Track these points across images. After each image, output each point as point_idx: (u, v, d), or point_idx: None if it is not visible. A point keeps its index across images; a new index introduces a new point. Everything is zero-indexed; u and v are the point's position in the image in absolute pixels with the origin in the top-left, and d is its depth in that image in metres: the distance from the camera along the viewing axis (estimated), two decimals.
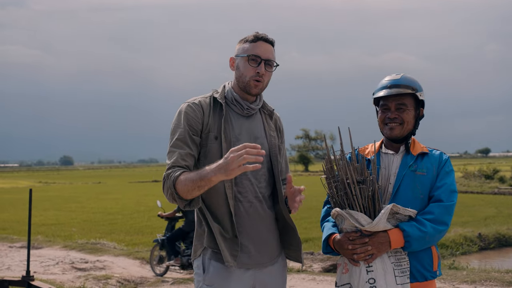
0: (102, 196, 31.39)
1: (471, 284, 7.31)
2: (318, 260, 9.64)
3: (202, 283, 2.60)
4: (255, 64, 2.64)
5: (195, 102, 2.65)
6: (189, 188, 2.37)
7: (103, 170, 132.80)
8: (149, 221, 18.18)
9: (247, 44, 2.66)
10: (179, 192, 2.41)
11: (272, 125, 2.85)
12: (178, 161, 2.50)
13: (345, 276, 2.65)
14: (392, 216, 2.61)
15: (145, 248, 11.78)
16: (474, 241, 13.82)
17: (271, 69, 2.70)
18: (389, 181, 2.79)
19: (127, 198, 29.19)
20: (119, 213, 21.06)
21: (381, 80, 2.90)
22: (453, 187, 2.77)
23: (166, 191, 2.46)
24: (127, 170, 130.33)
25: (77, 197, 30.42)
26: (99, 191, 37.05)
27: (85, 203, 25.84)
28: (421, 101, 2.86)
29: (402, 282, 2.57)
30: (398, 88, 2.78)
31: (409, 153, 2.82)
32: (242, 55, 2.66)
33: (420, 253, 2.69)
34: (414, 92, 2.80)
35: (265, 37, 2.68)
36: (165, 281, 8.33)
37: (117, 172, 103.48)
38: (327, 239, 2.75)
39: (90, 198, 29.82)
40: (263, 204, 2.69)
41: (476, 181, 34.57)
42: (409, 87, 2.80)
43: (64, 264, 9.68)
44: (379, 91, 2.84)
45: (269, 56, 2.66)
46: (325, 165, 2.71)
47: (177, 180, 2.41)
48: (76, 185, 49.78)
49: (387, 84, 2.83)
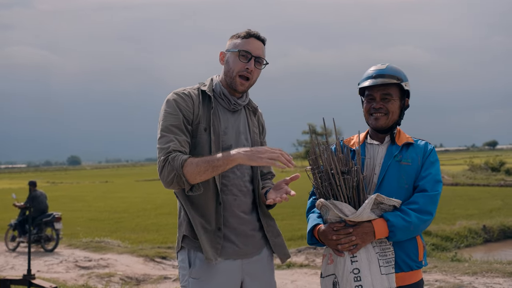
0: (109, 195, 31.50)
1: (473, 275, 7.30)
2: (321, 254, 9.64)
3: (188, 276, 2.60)
4: (245, 60, 2.65)
5: (184, 92, 2.65)
6: (202, 169, 2.38)
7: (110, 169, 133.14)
8: (156, 218, 18.25)
9: (239, 40, 2.68)
10: (186, 174, 2.40)
11: (255, 121, 2.87)
12: (179, 147, 2.49)
13: (330, 266, 2.65)
14: (377, 206, 2.60)
15: (150, 246, 11.83)
16: (478, 233, 13.81)
17: (260, 67, 2.71)
18: (374, 172, 2.78)
19: (133, 196, 29.29)
20: (126, 211, 21.15)
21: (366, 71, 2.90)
22: (438, 177, 2.75)
23: (169, 174, 2.43)
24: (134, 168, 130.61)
25: (84, 197, 30.54)
26: (106, 190, 37.18)
27: (92, 202, 25.95)
28: (406, 91, 2.84)
29: (386, 272, 2.56)
30: (383, 78, 2.77)
31: (394, 143, 2.81)
32: (233, 50, 2.67)
33: (405, 243, 2.68)
34: (400, 82, 2.78)
35: (257, 35, 2.69)
36: (167, 277, 8.37)
37: (124, 171, 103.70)
38: (312, 230, 2.74)
39: (96, 197, 29.93)
40: (246, 198, 2.70)
41: (482, 174, 34.47)
42: (394, 77, 2.78)
43: (67, 263, 9.73)
44: (364, 81, 2.82)
45: (259, 54, 2.68)
46: (309, 156, 2.72)
47: (186, 163, 2.40)
48: (83, 184, 50.00)
49: (373, 74, 2.81)
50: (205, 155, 2.56)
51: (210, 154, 2.57)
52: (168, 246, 11.58)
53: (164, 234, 14.23)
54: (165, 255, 10.40)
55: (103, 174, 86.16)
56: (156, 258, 10.21)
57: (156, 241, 12.88)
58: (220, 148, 2.61)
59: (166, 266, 9.75)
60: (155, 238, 13.58)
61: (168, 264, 9.93)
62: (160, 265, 9.85)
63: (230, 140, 2.68)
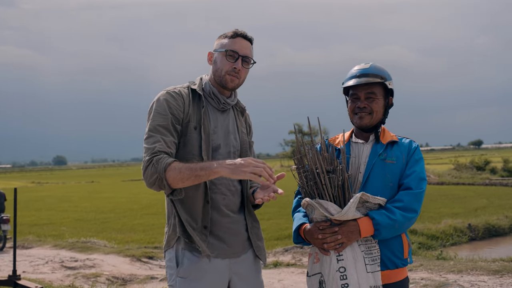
0: (95, 195, 31.34)
1: (458, 273, 7.36)
2: (307, 253, 9.68)
3: (175, 276, 2.59)
4: (233, 59, 2.66)
5: (175, 91, 2.65)
6: (185, 176, 2.37)
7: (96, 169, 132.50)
8: (142, 219, 18.18)
9: (226, 40, 2.69)
10: (168, 179, 2.40)
11: (243, 121, 2.89)
12: (165, 147, 2.49)
13: (316, 265, 2.66)
14: (362, 204, 2.62)
15: (136, 246, 11.79)
16: (464, 232, 13.91)
17: (247, 66, 2.72)
18: (359, 170, 2.80)
19: (120, 196, 29.15)
20: (112, 211, 21.05)
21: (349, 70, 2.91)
22: (422, 174, 2.77)
23: (151, 176, 2.43)
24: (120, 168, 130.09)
25: (70, 197, 30.36)
26: (92, 190, 36.99)
27: (78, 203, 25.79)
28: (390, 90, 2.86)
29: (372, 270, 2.58)
30: (367, 77, 2.78)
31: (379, 142, 2.83)
32: (220, 50, 2.69)
33: (391, 241, 2.70)
34: (383, 81, 2.80)
35: (244, 34, 2.71)
36: (154, 277, 8.35)
37: (110, 171, 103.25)
38: (298, 229, 2.75)
39: (82, 197, 29.77)
40: (235, 197, 2.72)
41: (467, 173, 34.75)
42: (378, 76, 2.80)
43: (53, 263, 9.67)
44: (349, 80, 2.84)
45: (246, 53, 2.69)
46: (295, 156, 2.73)
47: (169, 167, 2.39)
48: (69, 184, 49.70)
49: (356, 73, 2.83)
50: (195, 153, 2.58)
51: (200, 152, 2.59)
52: (154, 246, 11.55)
53: (150, 234, 14.19)
54: (152, 255, 10.37)
55: (89, 174, 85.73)
56: (143, 258, 10.18)
57: (143, 241, 12.83)
58: (210, 146, 2.62)
59: (152, 266, 9.73)
60: (142, 238, 13.54)
61: (155, 264, 9.91)
62: (146, 265, 9.82)
63: (219, 139, 2.69)
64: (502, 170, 36.25)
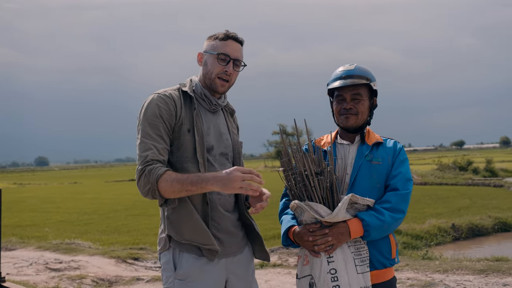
0: (78, 196, 31.08)
1: (444, 273, 7.41)
2: (294, 254, 9.69)
3: (173, 278, 2.57)
4: (224, 62, 2.65)
5: (165, 94, 2.62)
6: (176, 189, 2.38)
7: (79, 170, 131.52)
8: (126, 220, 18.06)
9: (217, 42, 2.68)
10: (161, 190, 2.40)
11: (233, 122, 2.90)
12: (157, 155, 2.47)
13: (306, 267, 2.66)
14: (351, 206, 2.63)
15: (121, 247, 11.70)
16: (448, 232, 14.03)
17: (238, 69, 2.72)
18: (346, 172, 2.81)
19: (103, 197, 28.92)
20: (95, 212, 20.88)
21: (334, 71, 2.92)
22: (408, 175, 2.81)
23: (144, 186, 2.43)
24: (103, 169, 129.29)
25: (53, 198, 30.06)
26: (75, 191, 36.68)
27: (61, 204, 25.55)
28: (374, 90, 2.89)
29: (362, 271, 2.60)
30: (352, 79, 2.80)
31: (364, 143, 2.85)
32: (211, 52, 2.67)
33: (379, 242, 2.73)
34: (369, 82, 2.82)
35: (235, 36, 2.69)
36: (140, 279, 8.30)
37: (93, 172, 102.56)
38: (287, 231, 2.75)
39: (65, 198, 29.49)
40: (230, 197, 2.72)
41: (450, 173, 35.04)
42: (363, 77, 2.82)
43: (37, 265, 9.56)
44: (334, 82, 2.85)
45: (237, 56, 2.69)
46: (282, 158, 2.73)
47: (161, 178, 2.39)
48: (52, 185, 49.23)
49: (342, 74, 2.84)
50: (189, 156, 2.57)
51: (195, 154, 2.58)
52: (140, 247, 11.47)
53: (135, 236, 14.10)
54: (137, 256, 10.30)
55: (72, 175, 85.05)
56: (128, 259, 10.10)
57: (128, 243, 12.74)
58: (204, 148, 2.61)
59: (138, 268, 9.66)
60: (127, 239, 13.44)
61: (141, 265, 9.84)
62: (132, 266, 9.75)
63: (212, 140, 2.68)
64: (484, 170, 36.64)
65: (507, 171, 38.08)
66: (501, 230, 15.23)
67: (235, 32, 2.72)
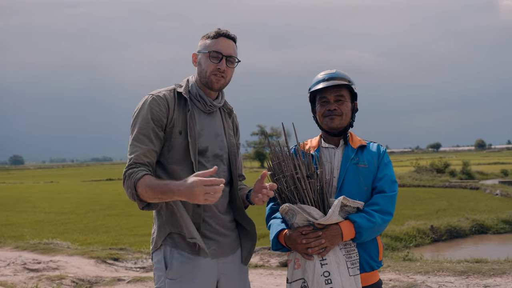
0: (55, 195, 30.70)
1: (425, 274, 7.47)
2: (276, 255, 9.68)
3: (164, 277, 2.57)
4: (217, 60, 2.65)
5: (159, 95, 2.62)
6: (150, 195, 2.37)
7: (55, 169, 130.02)
8: (104, 220, 17.92)
9: (209, 40, 2.67)
10: (139, 194, 2.40)
11: (230, 123, 2.88)
12: (141, 158, 2.48)
13: (297, 271, 2.65)
14: (341, 208, 2.65)
15: (100, 247, 11.58)
16: (426, 233, 14.18)
17: (232, 65, 2.71)
18: (332, 175, 2.83)
19: (80, 197, 28.65)
20: (73, 212, 20.68)
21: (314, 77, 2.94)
22: (393, 177, 2.87)
23: (126, 189, 2.44)
24: (80, 168, 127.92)
25: (28, 197, 29.64)
26: (52, 190, 36.22)
27: (37, 203, 25.21)
28: (355, 94, 2.93)
29: (353, 274, 2.62)
30: (335, 80, 2.85)
31: (349, 146, 2.88)
32: (204, 51, 2.67)
33: (367, 244, 2.76)
34: (350, 84, 2.88)
35: (226, 33, 2.69)
36: (121, 279, 8.21)
37: (70, 171, 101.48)
38: (277, 235, 2.74)
39: (42, 198, 29.10)
40: (223, 198, 2.70)
41: (428, 175, 35.40)
42: (345, 79, 2.87)
43: (15, 265, 9.41)
44: (317, 85, 2.89)
45: (230, 52, 2.67)
46: (272, 162, 2.72)
47: (138, 183, 2.39)
48: (27, 184, 48.58)
49: (324, 77, 2.89)
50: (180, 158, 2.57)
51: (185, 156, 2.57)
52: (120, 248, 11.36)
53: (114, 236, 13.98)
54: (117, 257, 10.20)
55: (48, 174, 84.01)
56: (108, 259, 10.00)
57: (107, 243, 12.63)
58: (196, 150, 2.59)
59: (118, 268, 9.57)
60: (105, 239, 13.32)
61: (121, 265, 9.75)
62: (112, 266, 9.66)
63: (206, 142, 2.67)
64: (461, 172, 37.10)
65: (483, 174, 38.63)
66: (478, 232, 15.46)
67: (226, 29, 2.72)
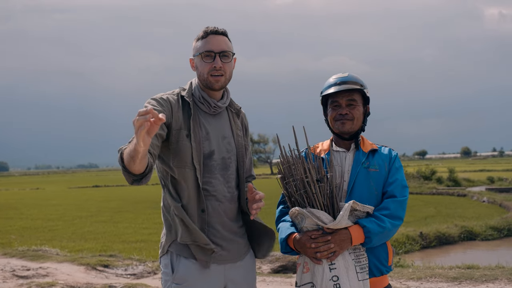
0: (41, 202, 30.41)
1: (417, 280, 7.48)
2: (267, 261, 9.67)
3: (171, 282, 2.55)
4: (210, 59, 2.61)
5: (163, 97, 2.58)
6: (129, 159, 2.17)
7: (41, 176, 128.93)
8: (92, 226, 17.79)
9: (199, 42, 2.65)
10: (126, 165, 2.22)
11: (239, 123, 2.82)
12: None
13: (306, 275, 2.63)
14: (351, 213, 2.63)
15: (90, 254, 11.48)
16: (416, 240, 14.21)
17: (228, 60, 2.66)
18: (343, 179, 2.81)
19: (67, 204, 28.43)
20: (60, 219, 20.50)
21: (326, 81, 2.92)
22: (404, 182, 2.84)
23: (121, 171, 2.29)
24: (66, 175, 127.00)
25: (14, 204, 29.35)
26: (38, 197, 35.88)
27: (24, 210, 24.94)
28: (367, 98, 2.91)
29: (362, 278, 2.59)
30: (347, 84, 2.82)
31: (360, 150, 2.86)
32: (197, 54, 2.65)
33: (377, 249, 2.73)
34: (362, 88, 2.85)
35: (214, 30, 2.65)
36: (112, 286, 8.14)
37: (55, 178, 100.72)
38: (286, 238, 2.72)
39: (28, 204, 28.80)
40: (232, 203, 2.67)
41: (415, 182, 35.54)
42: (357, 83, 2.84)
43: (4, 272, 9.30)
44: (328, 89, 2.86)
45: (222, 48, 2.63)
46: (282, 165, 2.70)
47: (124, 154, 2.23)
48: (13, 191, 48.08)
49: (336, 81, 2.86)
50: (187, 161, 2.53)
51: (192, 160, 2.53)
52: (109, 254, 11.27)
53: (102, 242, 13.87)
54: (108, 263, 10.11)
55: (34, 181, 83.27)
56: (98, 266, 9.90)
57: (95, 249, 12.53)
58: (201, 154, 2.56)
59: (109, 275, 9.48)
60: (94, 246, 13.21)
61: (111, 272, 9.66)
62: (102, 273, 9.56)
63: (212, 145, 2.62)
64: (447, 179, 37.30)
65: (469, 181, 38.87)
66: (467, 238, 15.54)
67: (214, 26, 2.67)
